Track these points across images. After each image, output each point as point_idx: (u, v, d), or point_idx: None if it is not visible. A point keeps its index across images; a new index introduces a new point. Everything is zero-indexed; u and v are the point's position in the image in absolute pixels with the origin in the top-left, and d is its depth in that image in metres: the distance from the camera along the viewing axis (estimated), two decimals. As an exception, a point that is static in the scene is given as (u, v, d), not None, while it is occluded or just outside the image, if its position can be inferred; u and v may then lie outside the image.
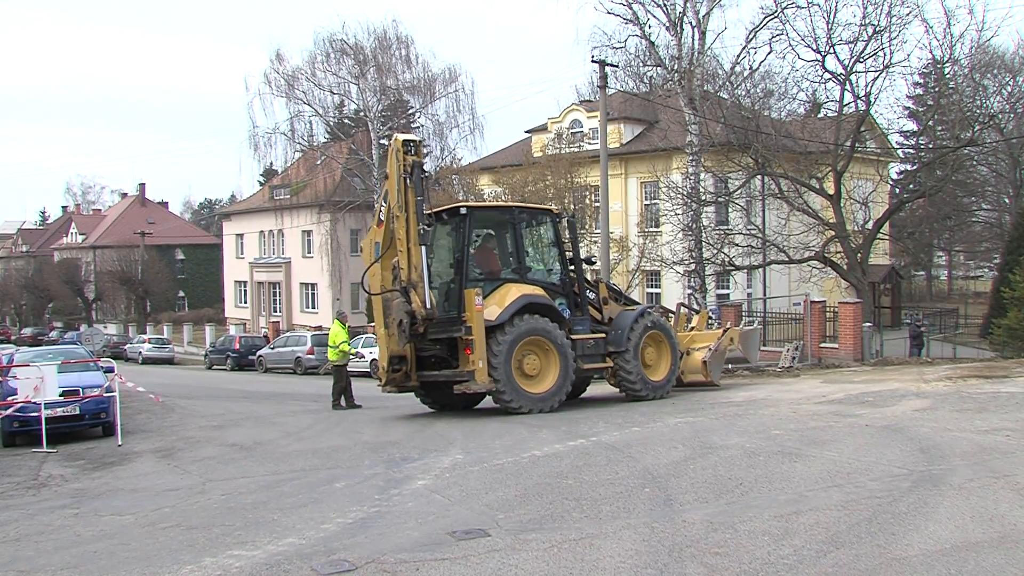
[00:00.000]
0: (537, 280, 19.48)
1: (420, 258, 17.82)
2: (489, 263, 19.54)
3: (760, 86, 37.18)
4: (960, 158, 37.50)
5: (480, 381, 17.68)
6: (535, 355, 18.38)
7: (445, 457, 13.45)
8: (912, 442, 12.02)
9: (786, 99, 37.41)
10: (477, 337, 17.63)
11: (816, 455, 11.49)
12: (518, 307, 18.20)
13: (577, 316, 19.66)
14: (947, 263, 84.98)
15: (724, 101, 36.60)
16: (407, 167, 18.02)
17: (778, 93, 37.32)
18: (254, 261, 75.73)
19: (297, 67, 60.72)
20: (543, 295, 18.97)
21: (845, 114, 35.47)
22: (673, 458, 11.90)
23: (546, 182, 43.86)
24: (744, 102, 36.20)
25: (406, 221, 17.88)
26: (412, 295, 17.95)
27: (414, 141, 18.53)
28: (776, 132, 34.96)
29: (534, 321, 18.27)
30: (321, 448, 15.84)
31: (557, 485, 10.75)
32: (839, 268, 34.93)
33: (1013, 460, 10.66)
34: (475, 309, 17.65)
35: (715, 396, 19.94)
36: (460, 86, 62.15)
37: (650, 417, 16.46)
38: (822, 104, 38.69)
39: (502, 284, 18.84)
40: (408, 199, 17.92)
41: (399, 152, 18.10)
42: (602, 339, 19.81)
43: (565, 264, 20.15)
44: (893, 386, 19.17)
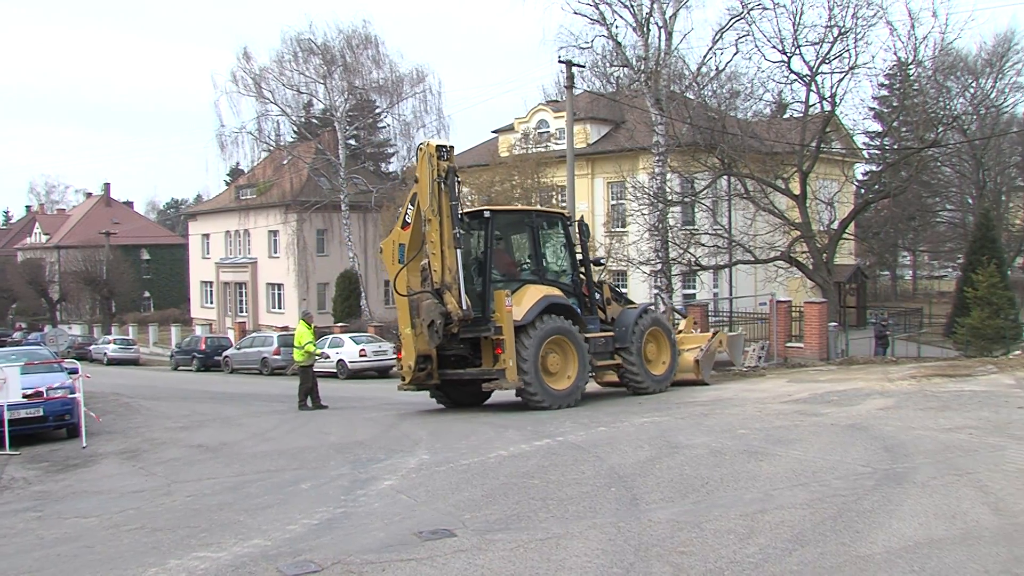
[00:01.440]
0: (553, 281, 20.27)
1: (455, 260, 18.34)
2: (504, 265, 20.25)
3: (726, 87, 37.31)
4: (924, 159, 37.78)
5: (511, 379, 18.29)
6: (556, 353, 19.13)
7: (411, 458, 13.42)
8: (876, 441, 12.10)
9: (752, 100, 37.56)
10: (507, 337, 18.26)
11: (782, 454, 11.54)
12: (542, 307, 18.93)
13: (587, 316, 20.52)
14: (912, 263, 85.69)
15: (690, 101, 36.69)
16: (441, 172, 18.54)
17: (744, 94, 37.49)
18: (220, 261, 75.23)
19: (264, 66, 60.48)
20: (562, 296, 19.82)
21: (811, 115, 35.63)
22: (639, 458, 11.92)
23: (513, 182, 43.85)
24: (710, 103, 36.31)
25: (440, 224, 18.40)
26: (447, 296, 18.44)
27: (447, 146, 19.02)
28: (742, 132, 35.07)
29: (556, 321, 19.06)
30: (287, 449, 15.77)
31: (523, 485, 10.74)
32: (805, 268, 35.10)
33: (975, 458, 10.75)
34: (505, 310, 18.30)
35: (681, 396, 20.01)
36: (427, 86, 62.09)
37: (616, 417, 16.50)
38: (788, 105, 38.85)
39: (522, 285, 19.58)
40: (442, 203, 18.45)
41: (432, 157, 18.58)
42: (611, 337, 20.74)
43: (576, 266, 20.97)
44: (858, 385, 19.30)
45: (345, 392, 29.65)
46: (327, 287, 65.17)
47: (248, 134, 60.90)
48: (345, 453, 14.50)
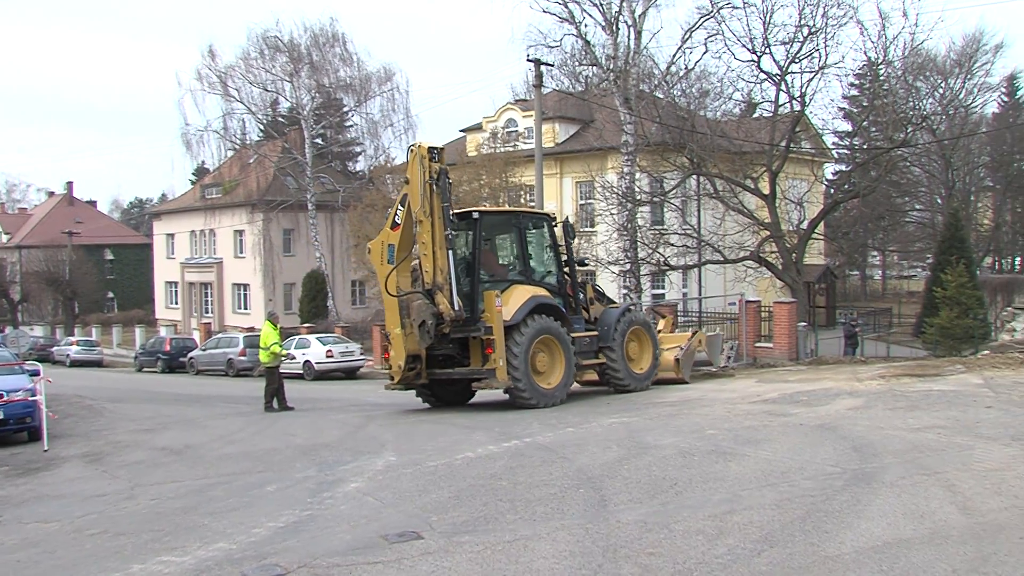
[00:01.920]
0: (540, 281, 20.69)
1: (446, 261, 18.67)
2: (491, 265, 20.52)
3: (696, 86, 37.47)
4: (894, 159, 38.01)
5: (501, 379, 18.57)
6: (544, 353, 19.48)
7: (378, 459, 13.38)
8: (845, 441, 12.17)
9: (721, 99, 37.73)
10: (497, 337, 18.55)
11: (750, 454, 11.58)
12: (530, 308, 19.27)
13: (572, 315, 20.84)
14: (881, 263, 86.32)
15: (659, 101, 36.78)
16: (433, 173, 18.87)
17: (713, 93, 37.65)
18: (185, 261, 74.71)
19: (230, 64, 60.18)
20: (548, 296, 20.25)
21: (780, 114, 35.79)
22: (607, 459, 11.93)
23: (481, 181, 43.87)
24: (679, 102, 36.41)
25: (431, 226, 18.71)
26: (439, 297, 18.74)
27: (438, 148, 19.32)
28: (711, 132, 35.19)
29: (544, 321, 19.42)
30: (253, 451, 15.69)
31: (491, 487, 10.73)
32: (774, 268, 35.26)
33: (944, 457, 10.83)
34: (495, 310, 18.60)
35: (649, 396, 20.06)
36: (395, 85, 62.04)
37: (584, 418, 16.52)
38: (757, 104, 39.03)
39: (509, 285, 19.89)
40: (434, 204, 18.77)
41: (424, 159, 18.91)
42: (595, 336, 21.08)
43: (561, 266, 21.34)
44: (827, 385, 19.41)
45: (312, 393, 29.52)
46: (293, 287, 64.91)
47: (214, 132, 60.67)
48: (311, 455, 14.44)
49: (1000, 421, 13.06)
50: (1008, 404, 14.66)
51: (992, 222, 66.48)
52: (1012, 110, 70.75)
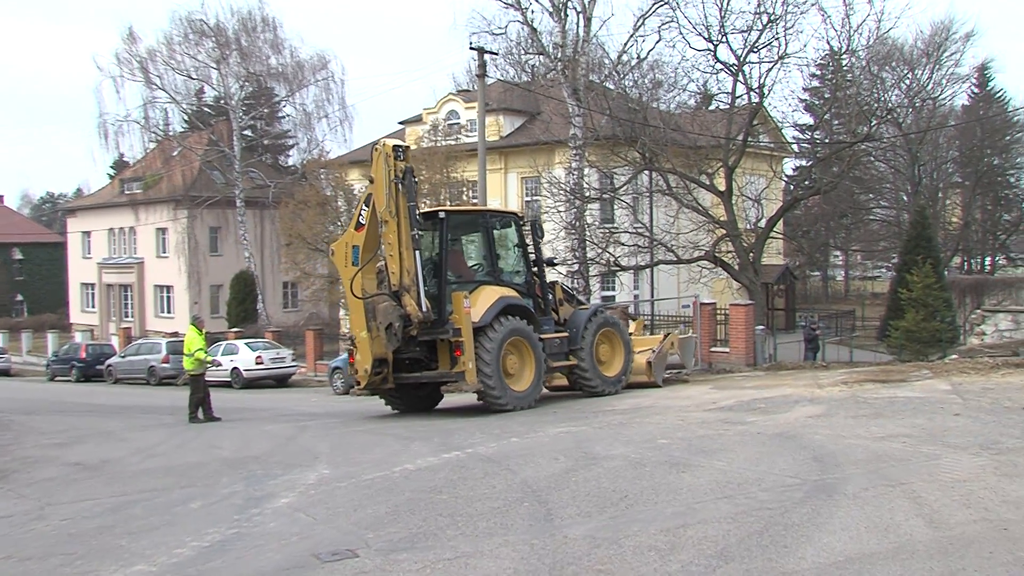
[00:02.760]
0: (508, 282, 21.26)
1: (413, 262, 19.13)
2: (458, 266, 21.09)
3: (648, 76, 37.65)
4: (857, 153, 38.48)
5: (470, 382, 19.09)
6: (514, 355, 20.03)
7: (310, 472, 13.29)
8: (805, 450, 12.26)
9: (676, 90, 38.00)
10: (466, 339, 19.06)
11: (705, 465, 11.64)
12: (499, 309, 19.84)
13: (542, 317, 21.44)
14: (843, 263, 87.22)
15: (610, 92, 36.92)
16: (398, 172, 19.33)
17: (667, 84, 37.88)
18: (103, 261, 73.73)
19: (152, 48, 59.59)
20: (517, 297, 20.84)
21: (737, 106, 36.08)
22: (554, 470, 11.94)
23: (421, 177, 43.67)
24: (631, 93, 36.59)
25: (397, 226, 19.19)
26: (406, 299, 19.25)
27: (403, 147, 19.84)
28: (665, 125, 35.39)
29: (514, 322, 19.97)
30: (175, 465, 15.52)
31: (430, 501, 10.70)
32: (730, 268, 35.53)
33: (909, 467, 10.91)
34: (463, 311, 19.11)
35: (599, 404, 20.11)
36: (330, 74, 61.87)
37: (530, 427, 16.52)
38: (713, 96, 39.38)
39: (477, 286, 20.39)
40: (400, 204, 19.25)
41: (389, 158, 19.38)
42: (566, 338, 21.66)
43: (529, 266, 21.97)
44: (786, 392, 19.55)
45: (240, 403, 29.29)
46: (221, 289, 64.38)
47: (134, 122, 59.99)
48: (239, 469, 14.31)
49: (969, 429, 13.17)
50: (977, 411, 14.79)
51: (961, 220, 67.27)
52: (983, 102, 71.39)
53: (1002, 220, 69.54)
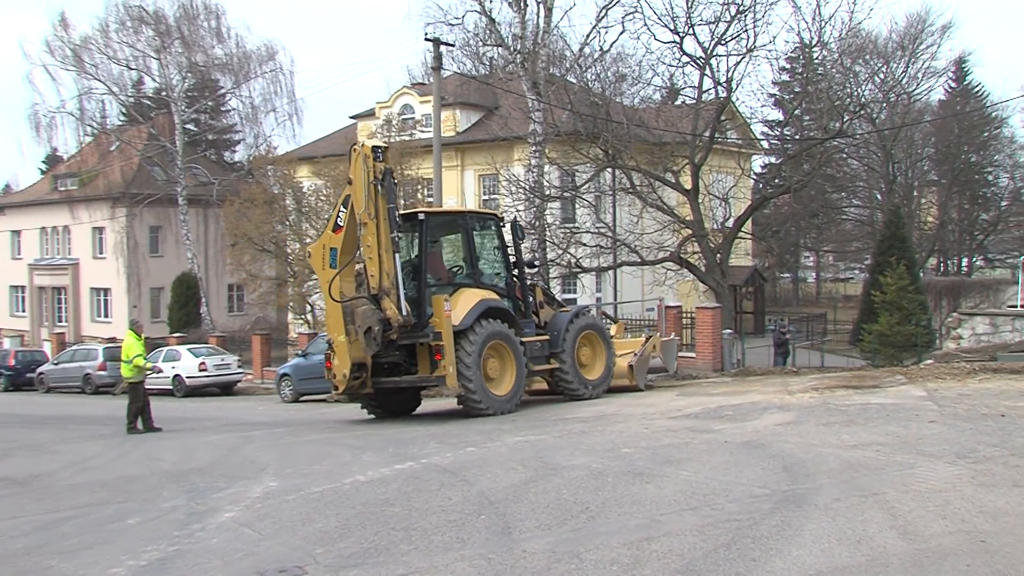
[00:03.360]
0: (488, 284, 21.96)
1: (392, 265, 19.64)
2: (437, 268, 21.70)
3: (611, 69, 37.69)
4: (829, 151, 38.73)
5: (451, 386, 19.76)
6: (495, 358, 20.66)
7: (256, 485, 13.23)
8: (775, 459, 12.33)
9: (640, 84, 38.01)
10: (447, 342, 19.67)
11: (670, 475, 11.68)
12: (480, 311, 20.42)
13: (523, 320, 22.12)
14: (815, 264, 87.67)
15: (571, 86, 36.97)
16: (377, 173, 19.85)
17: (631, 77, 37.91)
18: (34, 263, 72.88)
19: (86, 36, 58.99)
20: (498, 299, 21.51)
21: (704, 101, 36.14)
22: (512, 481, 11.95)
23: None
24: (594, 87, 36.60)
25: (376, 228, 19.67)
26: (385, 302, 19.65)
27: (382, 147, 20.38)
28: (628, 120, 35.44)
29: (495, 325, 20.61)
30: (112, 479, 15.40)
31: (383, 514, 10.68)
32: (696, 270, 35.64)
33: (883, 477, 10.98)
34: (444, 314, 19.74)
35: (560, 412, 20.18)
36: (278, 65, 61.62)
37: (487, 436, 16.53)
38: (679, 90, 39.41)
39: (457, 289, 21.08)
40: (379, 206, 19.75)
41: (368, 159, 19.85)
42: (547, 341, 22.41)
43: (509, 268, 22.65)
44: (755, 398, 19.67)
45: (182, 412, 29.10)
46: (162, 292, 63.84)
47: (68, 114, 59.42)
48: (180, 482, 14.22)
49: (945, 437, 13.28)
50: (953, 418, 14.91)
51: (937, 220, 67.82)
52: (960, 97, 71.89)
53: (979, 220, 70.09)
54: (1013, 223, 70.95)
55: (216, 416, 27.10)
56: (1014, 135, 71.82)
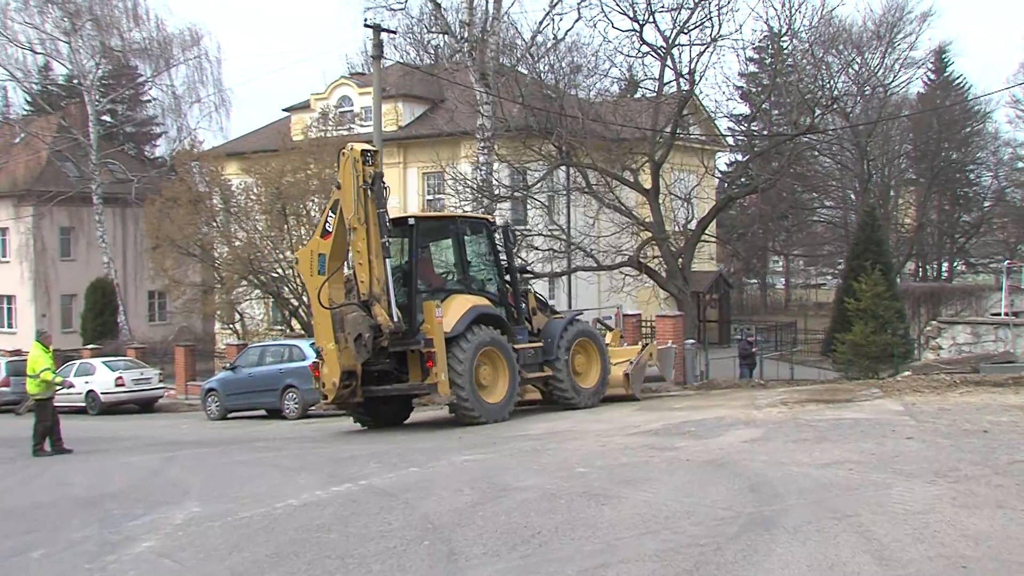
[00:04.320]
0: (480, 290, 22.80)
1: (383, 270, 20.53)
2: (427, 274, 22.64)
3: (566, 60, 37.82)
4: (799, 147, 38.93)
5: (443, 393, 20.48)
6: (487, 366, 21.50)
7: (178, 511, 13.13)
8: (741, 479, 12.39)
9: (597, 76, 38.19)
10: (439, 349, 20.42)
11: (628, 496, 11.72)
12: (472, 318, 21.26)
13: (515, 326, 22.95)
14: (784, 269, 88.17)
15: (523, 77, 37.02)
16: (367, 178, 20.73)
17: (587, 68, 38.08)
18: (-72, 267, 71.99)
19: (-18, 14, 58.22)
20: (490, 306, 22.39)
21: (665, 94, 36.31)
22: (458, 504, 11.95)
23: (309, 171, 43.47)
24: (547, 79, 36.72)
25: (367, 233, 20.54)
26: (376, 308, 20.45)
27: (371, 151, 21.36)
28: (584, 115, 35.53)
29: (487, 332, 21.47)
30: (15, 507, 15.24)
31: (317, 541, 10.64)
32: (657, 276, 35.78)
33: (857, 498, 11.04)
34: (435, 321, 20.51)
35: (510, 428, 20.21)
36: (203, 51, 61.28)
37: (432, 455, 16.53)
38: (639, 82, 39.59)
39: (448, 295, 21.88)
40: (369, 211, 20.61)
41: (357, 162, 20.76)
42: (540, 348, 23.21)
43: (501, 274, 23.54)
44: (720, 413, 19.74)
45: (97, 432, 28.83)
46: (74, 300, 63.14)
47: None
48: (92, 509, 14.09)
49: (923, 455, 13.37)
50: (933, 435, 15.02)
51: (915, 221, 68.23)
52: (940, 90, 72.85)
53: (961, 221, 70.85)
54: (996, 225, 71.75)
55: (135, 436, 26.88)
56: (998, 130, 72.68)
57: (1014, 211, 70.79)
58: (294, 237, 41.85)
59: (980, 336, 27.65)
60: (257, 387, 31.79)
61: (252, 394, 32.15)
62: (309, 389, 29.07)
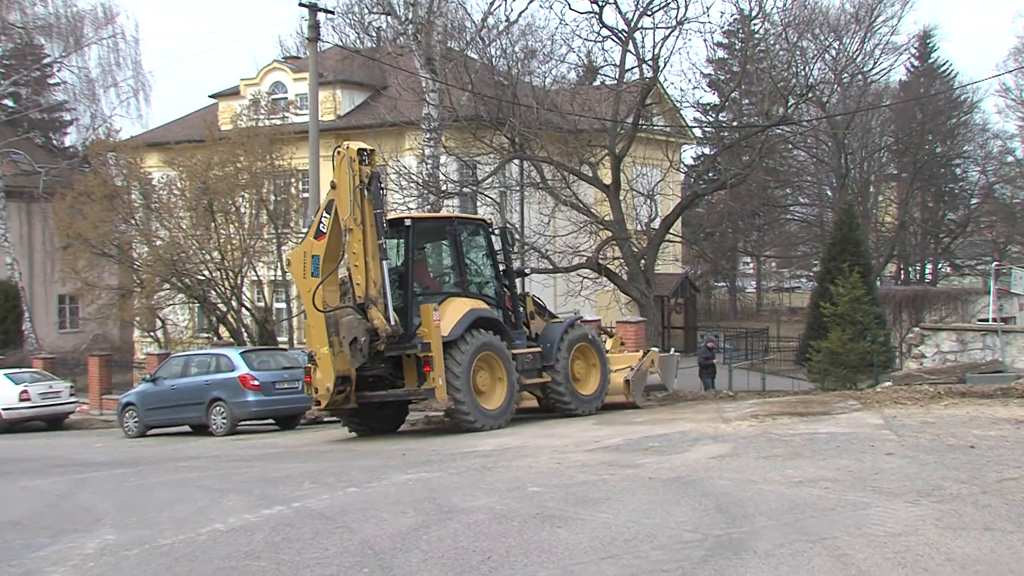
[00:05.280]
0: (477, 293, 24.08)
1: (379, 273, 21.50)
2: (423, 276, 23.90)
3: (519, 44, 37.91)
4: (771, 139, 39.17)
5: (440, 399, 21.66)
6: (485, 371, 22.74)
7: (89, 539, 12.98)
8: (707, 498, 12.44)
9: (553, 61, 38.23)
10: (436, 354, 21.53)
11: (585, 518, 11.74)
12: (469, 322, 22.43)
13: (514, 331, 24.20)
14: (755, 272, 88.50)
15: (472, 63, 37.03)
16: (363, 178, 21.67)
17: (542, 53, 38.14)
18: None
19: None
20: (488, 309, 23.67)
21: (627, 82, 36.42)
22: (401, 527, 11.92)
23: (238, 164, 43.24)
24: (498, 64, 36.72)
25: (363, 235, 21.50)
26: (372, 312, 21.43)
27: (368, 150, 22.17)
28: (539, 104, 35.57)
29: (485, 336, 22.60)
30: None
31: (246, 569, 10.58)
32: (617, 279, 35.87)
33: (832, 519, 11.11)
34: (433, 325, 21.62)
35: (458, 444, 20.28)
36: (119, 30, 60.72)
37: (373, 474, 16.51)
38: (599, 69, 39.72)
39: (445, 298, 23.08)
40: (365, 211, 21.58)
41: (353, 162, 21.67)
42: (539, 353, 24.50)
43: (499, 276, 24.86)
44: (685, 427, 19.83)
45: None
46: (-28, 305, 62.55)
47: None
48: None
49: (905, 472, 13.46)
50: (915, 450, 15.16)
51: (896, 220, 68.32)
52: (924, 77, 73.20)
53: (946, 220, 71.12)
54: (984, 224, 71.97)
55: (42, 456, 26.63)
56: (986, 121, 73.01)
57: (1003, 209, 71.04)
58: (222, 236, 41.61)
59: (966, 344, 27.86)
60: (180, 401, 31.45)
61: (175, 408, 31.80)
62: (238, 402, 29.13)
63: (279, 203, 45.05)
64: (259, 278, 44.53)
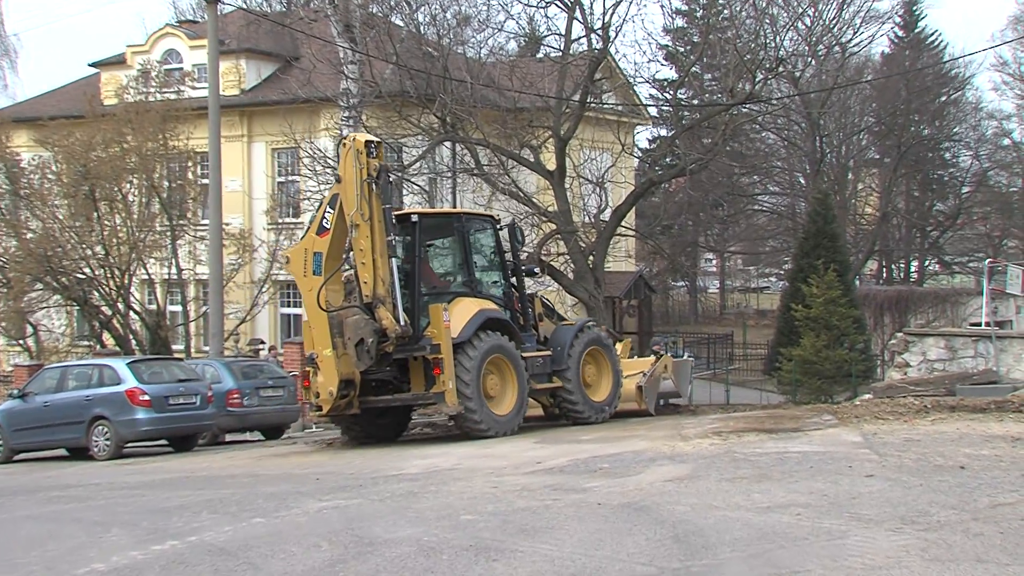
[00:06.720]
0: (486, 293, 25.31)
1: (388, 271, 22.60)
2: (429, 275, 25.14)
3: (451, 9, 37.87)
4: (737, 119, 39.34)
5: (450, 403, 22.64)
6: (495, 375, 23.88)
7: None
8: (663, 527, 12.46)
9: (490, 29, 38.22)
10: (446, 356, 22.58)
11: (525, 550, 11.74)
12: (479, 323, 23.55)
13: (523, 333, 25.44)
14: (718, 270, 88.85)
15: (398, 31, 36.97)
16: (371, 171, 22.75)
17: (478, 21, 38.12)
18: None
19: None
20: (497, 310, 24.89)
21: (573, 54, 36.50)
22: (313, 563, 11.89)
23: (125, 145, 42.96)
24: (427, 33, 36.71)
25: (370, 231, 22.59)
26: (380, 312, 22.48)
27: (376, 142, 23.47)
28: (474, 78, 35.57)
29: (495, 338, 23.77)
30: None
31: (132, 615, 10.51)
32: (562, 277, 35.95)
33: (805, 549, 11.16)
34: (442, 325, 22.65)
35: (379, 464, 20.31)
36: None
37: (282, 501, 16.42)
38: (541, 39, 39.74)
39: (453, 298, 24.29)
40: (373, 206, 22.67)
41: (360, 154, 22.76)
42: (549, 357, 25.69)
43: (507, 276, 26.14)
44: (639, 446, 19.94)
45: None
46: None
47: None
48: None
49: (886, 496, 13.54)
50: (898, 471, 15.26)
51: (877, 211, 68.79)
52: (910, 50, 73.39)
53: (934, 211, 71.61)
54: (977, 215, 72.46)
55: None
56: (980, 100, 73.40)
57: (998, 198, 71.53)
58: (106, 228, 41.27)
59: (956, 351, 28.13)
60: (56, 420, 30.73)
61: (49, 429, 31.12)
62: (125, 421, 28.66)
63: (174, 190, 44.79)
64: (150, 277, 44.21)
